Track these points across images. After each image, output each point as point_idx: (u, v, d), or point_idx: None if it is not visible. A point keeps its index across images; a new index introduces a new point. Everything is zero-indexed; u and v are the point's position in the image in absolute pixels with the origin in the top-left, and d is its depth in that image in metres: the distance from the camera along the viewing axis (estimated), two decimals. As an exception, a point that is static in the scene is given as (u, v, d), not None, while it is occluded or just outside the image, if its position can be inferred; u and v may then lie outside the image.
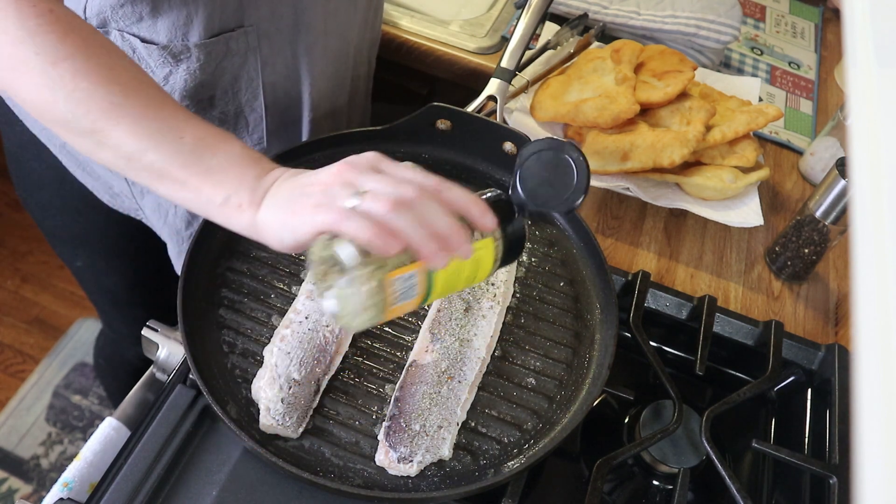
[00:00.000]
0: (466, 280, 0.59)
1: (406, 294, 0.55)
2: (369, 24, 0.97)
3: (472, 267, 0.58)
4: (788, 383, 0.87)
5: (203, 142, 0.59)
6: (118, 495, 0.64)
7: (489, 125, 0.87)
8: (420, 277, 0.55)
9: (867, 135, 0.35)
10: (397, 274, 0.53)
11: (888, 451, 0.26)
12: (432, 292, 0.57)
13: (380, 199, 0.53)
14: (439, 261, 0.54)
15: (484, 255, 0.59)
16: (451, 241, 0.54)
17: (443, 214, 0.54)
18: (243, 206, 0.58)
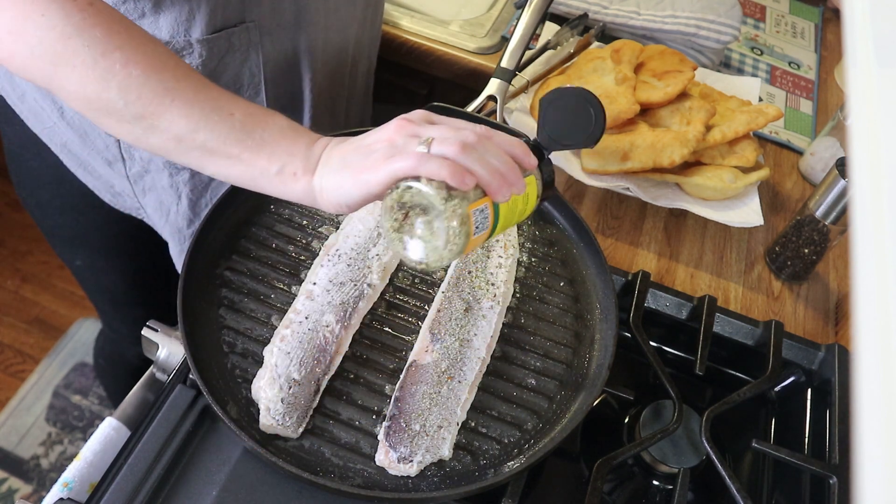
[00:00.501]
0: (519, 213, 0.65)
1: (482, 225, 0.59)
2: (369, 20, 0.97)
3: (523, 200, 0.64)
4: (788, 383, 0.87)
5: (252, 117, 0.62)
6: (118, 495, 0.64)
7: (489, 125, 0.87)
8: (490, 210, 0.60)
9: (867, 135, 0.35)
10: (476, 206, 0.58)
11: (888, 451, 0.26)
12: (498, 224, 0.62)
13: (448, 142, 0.57)
14: (505, 194, 0.59)
15: (531, 190, 0.65)
16: (510, 177, 0.59)
17: (501, 154, 0.59)
18: (298, 174, 0.61)
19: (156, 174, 0.90)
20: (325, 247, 0.78)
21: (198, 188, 0.92)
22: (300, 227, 0.81)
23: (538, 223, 0.87)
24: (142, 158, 0.88)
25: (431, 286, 0.79)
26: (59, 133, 0.89)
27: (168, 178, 0.90)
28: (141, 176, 0.90)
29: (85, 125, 0.85)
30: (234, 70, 0.81)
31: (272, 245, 0.79)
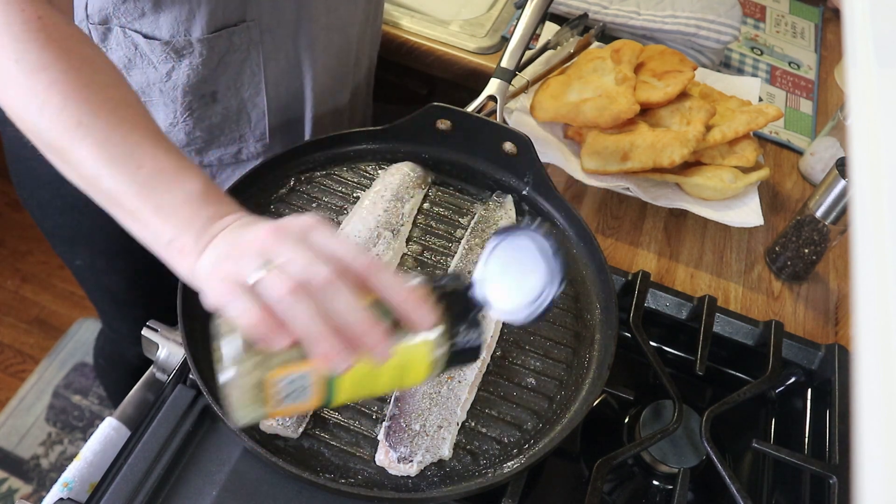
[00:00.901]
0: (390, 385, 0.51)
1: (296, 396, 0.47)
2: (370, 20, 0.97)
3: (396, 371, 0.49)
4: (788, 383, 0.87)
5: (161, 175, 0.55)
6: (118, 495, 0.64)
7: (489, 125, 0.87)
8: (315, 379, 0.47)
9: (867, 135, 0.35)
10: (284, 373, 0.46)
11: (888, 451, 0.26)
12: (335, 397, 0.49)
13: (282, 278, 0.45)
14: (337, 363, 0.46)
15: (414, 358, 0.49)
16: (361, 341, 0.46)
17: (357, 307, 0.46)
18: (185, 250, 0.53)
19: None
20: (325, 247, 0.78)
21: None
22: (300, 227, 0.81)
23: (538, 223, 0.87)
24: None
25: (431, 286, 0.79)
26: None
27: None
28: None
29: None
30: (234, 69, 0.81)
31: (272, 245, 0.78)
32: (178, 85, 0.78)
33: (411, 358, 0.49)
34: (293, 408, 0.48)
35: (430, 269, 0.80)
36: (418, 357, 0.49)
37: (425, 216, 0.85)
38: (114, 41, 0.73)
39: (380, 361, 0.47)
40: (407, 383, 0.51)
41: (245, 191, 0.81)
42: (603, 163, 0.97)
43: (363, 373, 0.48)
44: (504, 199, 0.87)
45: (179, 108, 0.81)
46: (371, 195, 0.84)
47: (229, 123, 0.86)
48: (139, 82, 0.77)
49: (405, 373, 0.50)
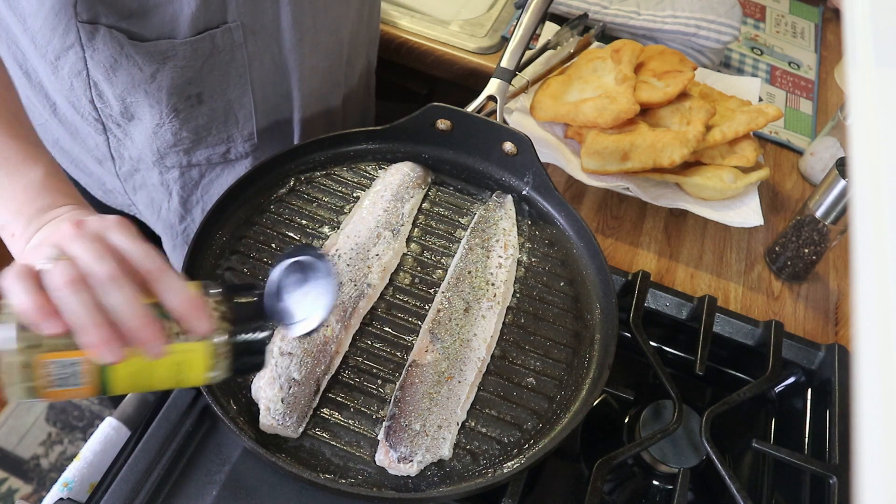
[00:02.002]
0: (166, 381, 0.53)
1: (67, 381, 0.49)
2: (364, 20, 0.97)
3: (172, 369, 0.52)
4: (788, 383, 0.87)
5: (5, 162, 0.59)
6: (118, 495, 0.64)
7: (489, 125, 0.87)
8: (87, 367, 0.49)
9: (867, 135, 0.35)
10: (53, 357, 0.48)
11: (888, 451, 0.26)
12: (109, 385, 0.51)
13: (64, 270, 0.48)
14: (105, 353, 0.48)
15: (190, 358, 0.52)
16: (133, 336, 0.48)
17: (133, 304, 0.48)
18: (16, 235, 0.57)
19: (145, 172, 0.90)
20: (324, 247, 0.78)
21: (188, 185, 0.92)
22: (300, 227, 0.81)
23: (538, 223, 0.87)
24: (131, 157, 0.88)
25: (431, 286, 0.79)
26: (50, 130, 0.89)
27: (158, 175, 0.90)
28: (131, 174, 0.91)
29: (76, 123, 0.85)
30: (219, 70, 0.81)
31: (272, 246, 0.79)
32: (163, 86, 0.79)
33: (187, 358, 0.52)
34: (67, 392, 0.50)
35: (430, 269, 0.80)
36: (195, 358, 0.52)
37: (425, 216, 0.85)
38: (100, 41, 0.74)
39: (153, 357, 0.49)
40: (185, 382, 0.53)
41: (244, 191, 0.81)
42: (603, 163, 0.97)
43: (138, 366, 0.50)
44: (504, 199, 0.87)
45: (165, 109, 0.81)
46: (371, 195, 0.84)
47: (216, 124, 0.86)
48: (124, 83, 0.78)
49: (182, 371, 0.52)
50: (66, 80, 0.78)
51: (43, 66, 0.78)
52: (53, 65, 0.77)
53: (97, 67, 0.76)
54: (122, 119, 0.83)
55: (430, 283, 0.79)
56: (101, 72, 0.77)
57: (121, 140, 0.86)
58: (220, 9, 0.76)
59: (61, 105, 0.84)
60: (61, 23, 0.72)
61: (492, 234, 0.83)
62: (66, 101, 0.82)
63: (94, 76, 0.78)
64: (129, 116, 0.83)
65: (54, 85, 0.80)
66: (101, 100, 0.81)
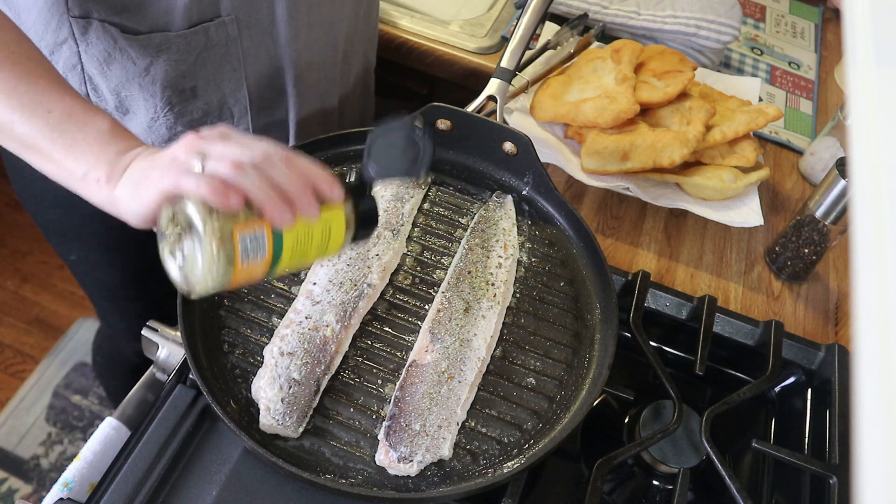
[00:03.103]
0: (318, 248, 0.60)
1: (254, 252, 0.55)
2: (361, 18, 0.96)
3: (323, 234, 0.59)
4: (788, 383, 0.87)
5: (71, 117, 0.61)
6: (118, 495, 0.64)
7: (489, 125, 0.87)
8: (268, 236, 0.55)
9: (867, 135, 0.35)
10: (244, 229, 0.54)
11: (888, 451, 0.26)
12: (282, 255, 0.57)
13: (222, 159, 0.54)
14: (284, 217, 0.55)
15: (334, 222, 0.60)
16: (299, 202, 0.55)
17: (291, 177, 0.56)
18: (101, 181, 0.59)
19: None
20: (325, 247, 0.78)
21: None
22: (300, 227, 0.81)
23: (538, 223, 0.87)
24: None
25: (431, 286, 0.79)
26: None
27: None
28: None
29: None
30: (213, 64, 0.81)
31: (272, 245, 0.78)
32: (157, 80, 0.79)
33: (332, 222, 0.60)
34: (252, 267, 0.55)
35: (430, 269, 0.80)
36: (336, 220, 0.60)
37: (425, 216, 0.85)
38: (93, 35, 0.74)
39: (312, 220, 0.57)
40: (330, 248, 0.61)
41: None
42: (603, 163, 0.97)
43: (301, 232, 0.57)
44: (504, 199, 0.87)
45: (160, 102, 0.81)
46: (371, 195, 0.84)
47: (211, 119, 0.86)
48: (119, 77, 0.78)
49: (330, 235, 0.60)
50: (60, 74, 0.78)
51: None
52: (48, 59, 0.77)
53: (91, 61, 0.76)
54: (117, 113, 0.83)
55: (430, 283, 0.79)
56: (96, 66, 0.77)
57: None
58: (213, 2, 0.76)
59: None
60: (54, 18, 0.73)
61: (492, 234, 0.83)
62: None
63: (88, 70, 0.78)
64: (124, 110, 0.83)
65: None
66: (97, 94, 0.81)
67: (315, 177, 0.57)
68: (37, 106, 0.60)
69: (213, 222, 0.52)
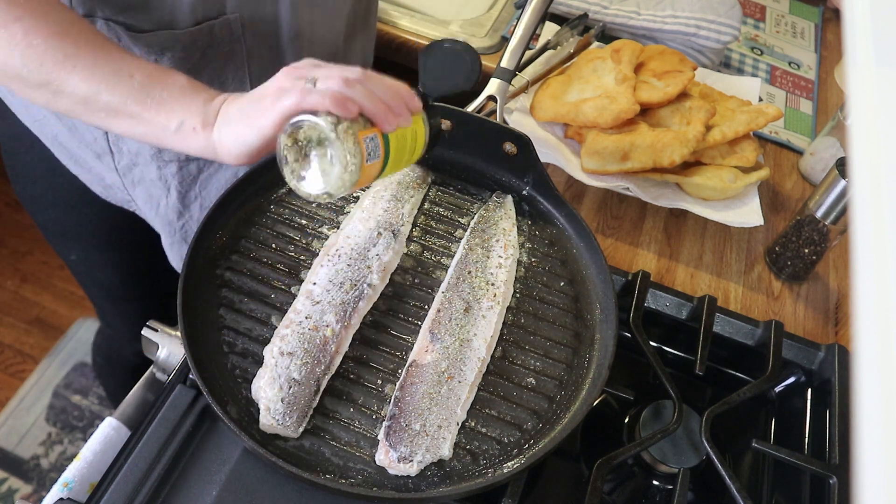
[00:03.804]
0: (409, 151, 0.69)
1: (374, 153, 0.63)
2: (360, 15, 0.97)
3: (412, 138, 0.69)
4: (788, 383, 0.87)
5: (151, 78, 0.64)
6: (118, 495, 0.64)
7: (489, 125, 0.87)
8: (380, 139, 0.64)
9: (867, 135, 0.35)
10: (365, 133, 0.62)
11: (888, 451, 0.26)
12: (389, 156, 0.66)
13: (331, 78, 0.61)
14: (391, 122, 0.63)
15: (418, 128, 0.69)
16: (397, 108, 0.64)
17: (385, 89, 0.64)
18: (197, 129, 0.64)
19: (144, 167, 0.90)
20: (325, 247, 0.78)
21: (186, 180, 0.92)
22: (300, 227, 0.81)
23: (538, 223, 0.87)
24: (130, 151, 0.88)
25: (431, 286, 0.79)
26: (49, 126, 0.89)
27: (156, 170, 0.90)
28: (129, 169, 0.91)
29: (73, 118, 0.85)
30: (218, 63, 0.81)
31: (272, 245, 0.79)
32: None
33: (418, 126, 0.69)
34: (372, 167, 0.64)
35: (430, 269, 0.80)
36: (419, 127, 0.70)
37: (425, 216, 0.85)
38: None
39: (407, 123, 0.66)
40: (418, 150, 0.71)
41: (244, 191, 0.81)
42: (603, 163, 0.97)
43: (400, 135, 0.66)
44: (504, 199, 0.87)
45: None
46: (371, 195, 0.84)
47: None
48: None
49: (416, 138, 0.70)
50: None
51: None
52: None
53: None
54: None
55: (430, 283, 0.79)
56: None
57: (119, 134, 0.86)
58: (218, 0, 0.76)
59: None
60: None
61: (492, 234, 0.83)
62: None
63: None
64: None
65: None
66: None
67: (400, 88, 0.66)
68: (118, 73, 0.64)
69: (342, 127, 0.60)
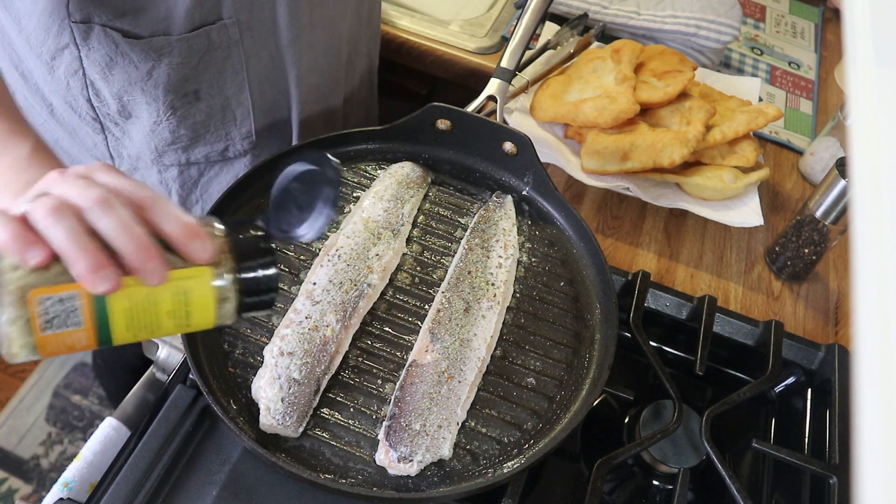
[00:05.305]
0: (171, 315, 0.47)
1: (63, 321, 0.44)
2: (364, 18, 0.96)
3: (176, 299, 0.47)
4: (788, 383, 0.87)
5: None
6: (118, 495, 0.64)
7: (489, 125, 0.87)
8: (84, 301, 0.44)
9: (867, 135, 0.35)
10: (47, 292, 0.43)
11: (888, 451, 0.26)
12: (111, 324, 0.46)
13: (46, 201, 0.44)
14: (95, 280, 0.43)
15: (194, 285, 0.47)
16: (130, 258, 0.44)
17: (125, 225, 0.44)
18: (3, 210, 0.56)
19: (144, 171, 0.90)
20: (324, 247, 0.78)
21: (187, 185, 0.92)
22: (300, 227, 0.81)
23: (538, 223, 0.87)
24: (129, 156, 0.88)
25: (431, 286, 0.79)
26: (49, 130, 0.89)
27: (157, 174, 0.90)
28: (130, 173, 0.91)
29: (73, 123, 0.85)
30: (216, 67, 0.81)
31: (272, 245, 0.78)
32: (159, 83, 0.79)
33: (192, 287, 0.47)
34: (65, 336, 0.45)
35: (430, 269, 0.80)
36: (199, 285, 0.47)
37: (425, 216, 0.85)
38: (95, 40, 0.74)
39: (153, 283, 0.45)
40: (194, 321, 0.48)
41: (243, 192, 0.81)
42: (603, 163, 0.97)
43: (140, 298, 0.46)
44: (504, 199, 0.87)
45: (162, 106, 0.81)
46: (371, 195, 0.84)
47: (214, 121, 0.86)
48: (121, 81, 0.78)
49: (189, 302, 0.47)
50: (62, 80, 0.78)
51: (39, 66, 0.78)
52: (49, 65, 0.77)
53: (93, 66, 0.76)
54: (119, 118, 0.83)
55: (430, 283, 0.79)
56: (98, 71, 0.77)
57: (119, 139, 0.86)
58: (214, 4, 0.76)
59: (58, 105, 0.84)
60: (55, 23, 0.72)
61: (492, 234, 0.83)
62: (63, 101, 0.82)
63: (90, 75, 0.78)
64: (126, 115, 0.83)
65: (51, 85, 0.81)
66: (99, 98, 0.81)
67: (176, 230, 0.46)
68: None
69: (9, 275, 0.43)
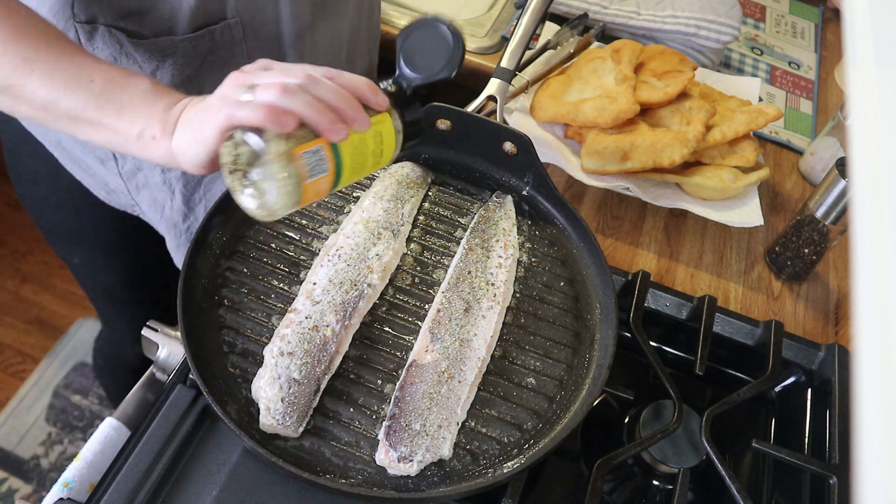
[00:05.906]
0: (374, 154, 0.62)
1: (317, 168, 0.57)
2: (364, 16, 0.96)
3: (376, 141, 0.62)
4: (788, 383, 0.87)
5: (112, 82, 0.62)
6: (118, 495, 0.64)
7: (489, 125, 0.87)
8: (326, 151, 0.58)
9: (867, 135, 0.35)
10: (305, 147, 0.56)
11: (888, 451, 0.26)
12: (343, 167, 0.60)
13: (269, 87, 0.56)
14: (337, 131, 0.57)
15: (384, 129, 0.62)
16: (348, 114, 0.58)
17: (335, 91, 0.58)
18: (157, 137, 0.61)
19: (148, 171, 0.90)
20: (325, 247, 0.78)
21: (190, 183, 0.92)
22: (300, 227, 0.81)
23: (538, 223, 0.87)
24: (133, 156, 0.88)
25: (431, 286, 0.79)
26: (52, 130, 0.89)
27: (160, 174, 0.90)
28: (133, 173, 0.91)
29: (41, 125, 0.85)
30: (220, 67, 0.81)
31: (272, 245, 0.79)
32: (163, 84, 0.79)
33: (382, 127, 0.62)
34: (318, 182, 0.58)
35: (430, 269, 0.80)
36: (386, 126, 0.63)
37: (425, 216, 0.85)
38: (99, 40, 0.74)
39: (363, 129, 0.59)
40: (386, 153, 0.64)
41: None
42: (603, 163, 0.97)
43: (356, 142, 0.60)
44: (504, 199, 0.87)
45: None
46: (371, 195, 0.84)
47: None
48: None
49: (382, 141, 0.62)
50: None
51: None
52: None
53: None
54: None
55: (430, 283, 0.79)
56: None
57: None
58: (218, 5, 0.76)
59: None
60: (59, 23, 0.72)
61: (492, 234, 0.83)
62: None
63: None
64: None
65: None
66: None
67: (359, 88, 0.60)
68: (78, 78, 0.61)
69: (274, 145, 0.54)
